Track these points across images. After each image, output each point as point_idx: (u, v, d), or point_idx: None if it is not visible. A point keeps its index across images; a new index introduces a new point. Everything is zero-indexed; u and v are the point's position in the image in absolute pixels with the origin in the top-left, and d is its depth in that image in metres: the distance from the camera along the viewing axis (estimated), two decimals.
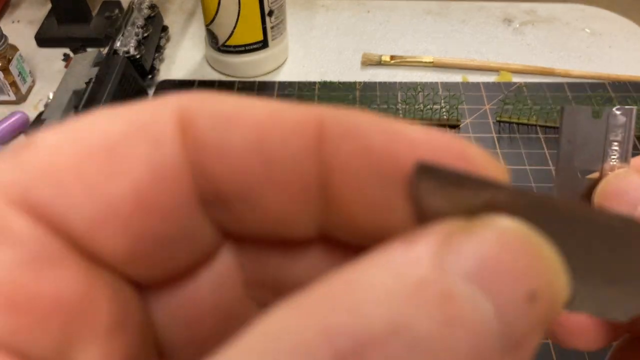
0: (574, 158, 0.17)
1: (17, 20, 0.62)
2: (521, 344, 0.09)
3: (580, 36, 0.57)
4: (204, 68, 0.55)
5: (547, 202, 0.10)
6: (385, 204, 0.10)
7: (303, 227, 0.11)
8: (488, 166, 0.10)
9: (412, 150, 0.10)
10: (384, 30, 0.59)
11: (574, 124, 0.17)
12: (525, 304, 0.09)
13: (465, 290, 0.08)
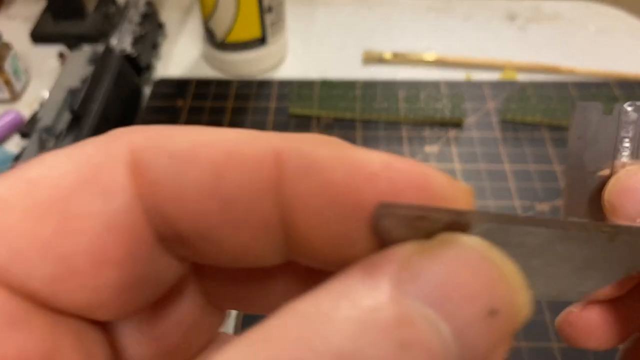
0: (584, 155, 0.17)
1: (11, 17, 0.61)
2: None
3: (585, 34, 0.56)
4: (202, 65, 0.54)
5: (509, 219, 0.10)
6: (347, 237, 0.10)
7: (267, 259, 0.11)
8: (451, 193, 0.10)
9: (372, 185, 0.10)
10: (386, 27, 0.58)
11: (585, 120, 0.17)
12: (485, 322, 0.09)
13: (422, 313, 0.08)
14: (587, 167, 0.17)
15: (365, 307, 0.08)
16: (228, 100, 0.49)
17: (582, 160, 0.17)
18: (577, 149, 0.17)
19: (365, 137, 0.45)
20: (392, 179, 0.10)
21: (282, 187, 0.10)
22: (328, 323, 0.08)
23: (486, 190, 0.41)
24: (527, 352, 0.33)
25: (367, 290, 0.09)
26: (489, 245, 0.10)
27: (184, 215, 0.10)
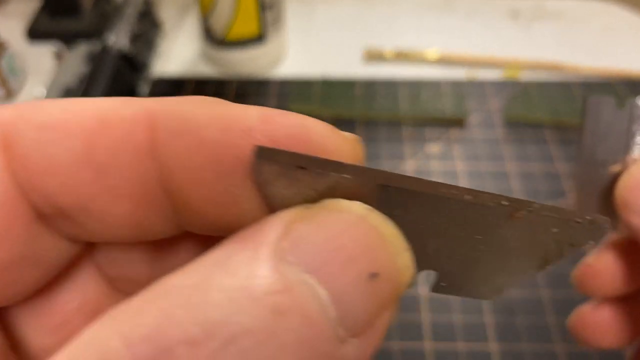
0: (596, 149, 0.17)
1: (7, 14, 0.60)
2: (370, 324, 0.09)
3: (589, 32, 0.56)
4: (200, 64, 0.53)
5: (396, 179, 0.10)
6: (230, 196, 0.10)
7: (158, 229, 0.11)
8: (335, 144, 0.10)
9: (249, 139, 0.10)
10: (387, 25, 0.57)
11: (597, 115, 0.17)
12: (365, 286, 0.09)
13: (301, 280, 0.09)
14: (599, 163, 0.17)
15: (240, 276, 0.08)
16: (227, 99, 0.48)
17: (594, 156, 0.17)
18: (589, 144, 0.17)
19: (366, 136, 0.45)
20: (269, 132, 0.10)
21: (157, 150, 0.10)
22: (198, 294, 0.08)
23: (488, 190, 0.41)
24: (531, 355, 0.32)
25: (244, 260, 0.09)
26: (369, 209, 0.10)
27: (60, 188, 0.10)
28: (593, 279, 0.18)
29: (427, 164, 0.43)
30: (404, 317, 0.34)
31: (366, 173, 0.10)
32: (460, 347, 0.33)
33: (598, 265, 0.18)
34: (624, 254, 0.17)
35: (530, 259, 0.12)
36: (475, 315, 0.34)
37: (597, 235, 0.11)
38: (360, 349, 0.09)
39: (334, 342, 0.09)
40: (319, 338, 0.08)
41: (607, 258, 0.18)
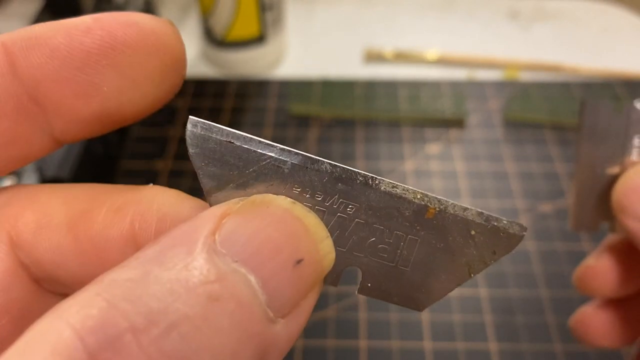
0: (594, 152, 0.17)
1: (9, 15, 0.60)
2: (296, 305, 0.10)
3: (588, 32, 0.56)
4: (200, 64, 0.53)
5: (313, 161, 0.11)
6: (91, 85, 0.12)
7: (37, 142, 0.12)
8: (157, 26, 0.12)
9: (90, 36, 0.12)
10: (387, 25, 0.57)
11: (594, 119, 0.17)
12: (291, 271, 0.10)
13: (233, 269, 0.10)
14: (597, 166, 0.17)
15: (177, 268, 0.09)
16: (227, 99, 0.49)
17: (592, 159, 0.17)
18: (587, 147, 0.17)
19: (365, 136, 0.45)
20: (104, 26, 0.12)
21: (17, 68, 0.11)
22: (139, 287, 0.09)
23: (488, 190, 0.41)
24: (530, 354, 0.32)
25: (180, 254, 0.10)
26: (292, 202, 0.11)
27: None
28: (593, 280, 0.18)
29: (426, 164, 0.43)
30: (404, 317, 0.34)
31: (285, 152, 0.11)
32: (459, 346, 0.33)
33: (598, 267, 0.18)
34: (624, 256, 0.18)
35: (454, 265, 0.12)
36: (475, 314, 0.34)
37: (514, 241, 0.11)
38: (289, 327, 0.10)
39: (265, 323, 0.10)
40: (251, 320, 0.09)
41: (606, 259, 0.18)
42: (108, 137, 0.43)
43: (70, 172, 0.37)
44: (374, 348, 0.33)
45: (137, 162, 0.44)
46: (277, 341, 0.10)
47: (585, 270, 0.18)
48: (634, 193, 0.16)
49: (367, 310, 0.34)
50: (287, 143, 0.49)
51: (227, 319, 0.09)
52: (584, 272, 0.18)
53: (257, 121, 0.47)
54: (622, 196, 0.16)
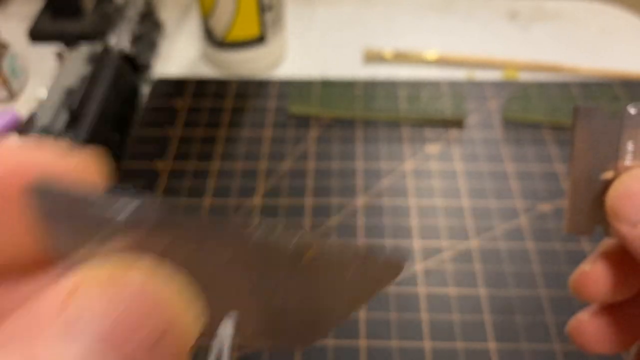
0: (588, 158, 0.17)
1: (9, 15, 0.61)
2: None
3: (588, 32, 0.56)
4: (201, 64, 0.53)
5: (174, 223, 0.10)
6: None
7: None
8: (64, 167, 0.11)
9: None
10: (386, 26, 0.57)
11: (588, 123, 0.16)
12: (153, 349, 0.09)
13: (90, 349, 0.09)
14: (591, 171, 0.17)
15: (25, 357, 0.08)
16: (227, 99, 0.49)
17: (586, 164, 0.17)
18: (580, 152, 0.17)
19: (365, 136, 0.45)
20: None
21: None
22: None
23: (487, 190, 0.41)
24: (529, 354, 0.33)
25: (27, 342, 0.09)
26: (151, 270, 0.10)
27: None
28: (588, 286, 0.18)
29: (426, 164, 0.43)
30: (403, 317, 0.34)
31: (143, 209, 0.10)
32: (459, 346, 0.33)
33: (592, 272, 0.18)
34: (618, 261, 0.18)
35: (339, 301, 0.11)
36: (474, 314, 0.34)
37: (395, 272, 0.11)
38: None
39: None
40: None
41: (601, 265, 0.18)
42: (109, 137, 0.43)
43: None
44: (374, 347, 0.33)
45: (137, 162, 0.44)
46: None
47: (580, 276, 0.18)
48: (626, 198, 0.16)
49: (367, 310, 0.35)
50: (287, 143, 0.49)
51: None
52: (579, 278, 0.18)
53: (257, 121, 0.47)
54: (615, 201, 0.16)
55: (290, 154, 0.44)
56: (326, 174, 0.42)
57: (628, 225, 0.16)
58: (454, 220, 0.39)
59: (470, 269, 0.36)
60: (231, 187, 0.42)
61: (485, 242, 0.38)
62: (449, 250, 0.38)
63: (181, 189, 0.42)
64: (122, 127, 0.45)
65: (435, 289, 0.35)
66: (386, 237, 0.38)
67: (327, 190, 0.41)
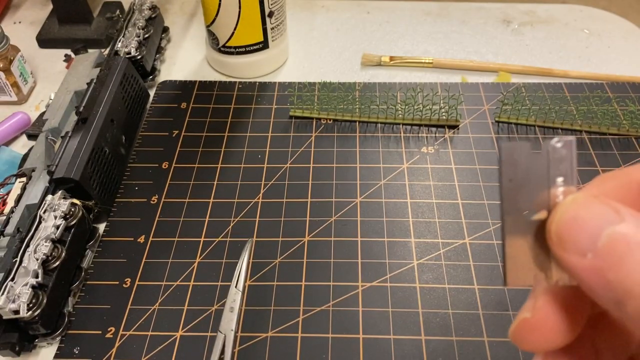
0: (518, 197, 0.16)
1: (18, 21, 0.62)
2: None
3: (579, 37, 0.57)
4: (205, 69, 0.55)
5: None
6: None
7: None
8: None
9: None
10: (384, 31, 0.59)
11: (513, 161, 0.15)
12: None
13: None
14: (523, 210, 0.16)
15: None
16: (229, 102, 0.50)
17: (516, 204, 0.16)
18: (509, 192, 0.16)
19: (363, 137, 0.47)
20: None
21: None
22: None
23: (482, 190, 0.43)
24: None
25: None
26: None
27: None
28: (532, 334, 0.16)
29: (422, 165, 0.44)
30: (399, 311, 0.36)
31: None
32: (454, 340, 0.34)
33: (535, 319, 0.16)
34: (561, 303, 0.16)
35: None
36: (469, 309, 0.36)
37: None
38: None
39: None
40: None
41: (543, 310, 0.16)
42: (116, 139, 0.44)
43: (79, 173, 0.38)
44: (371, 341, 0.34)
45: (144, 163, 0.45)
46: None
47: (521, 325, 0.16)
48: (574, 226, 0.14)
49: (365, 305, 0.36)
50: (288, 144, 0.50)
51: None
52: (520, 328, 0.16)
53: (259, 123, 0.48)
54: (562, 230, 0.15)
55: (290, 154, 0.46)
56: (325, 173, 0.44)
57: (577, 255, 0.14)
58: (449, 218, 0.41)
59: (465, 266, 0.38)
60: (233, 187, 0.43)
61: (480, 240, 0.39)
62: (444, 248, 0.39)
63: (184, 189, 0.43)
64: (129, 129, 0.47)
65: (430, 285, 0.37)
66: (383, 235, 0.40)
67: (326, 189, 0.43)
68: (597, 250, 0.14)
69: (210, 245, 0.39)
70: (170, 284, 0.37)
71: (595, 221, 0.14)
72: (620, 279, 0.13)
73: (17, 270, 0.34)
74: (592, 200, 0.15)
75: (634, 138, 0.46)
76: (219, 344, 0.34)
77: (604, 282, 0.14)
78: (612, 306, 0.14)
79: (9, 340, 0.33)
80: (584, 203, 0.15)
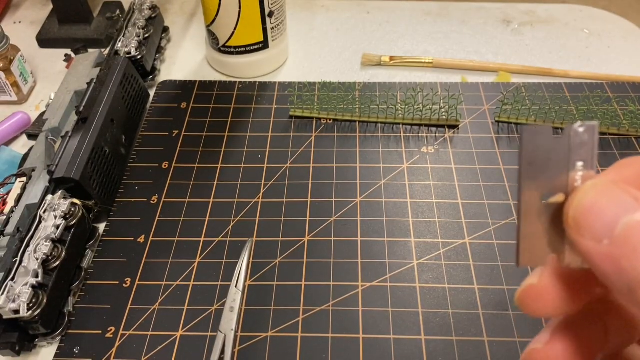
0: (536, 182, 0.16)
1: (18, 21, 0.62)
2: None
3: (579, 37, 0.57)
4: (205, 68, 0.55)
5: None
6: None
7: None
8: None
9: None
10: (384, 31, 0.59)
11: (534, 145, 0.16)
12: None
13: None
14: (541, 195, 0.16)
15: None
16: (229, 101, 0.50)
17: (534, 187, 0.16)
18: (528, 175, 0.16)
19: (363, 137, 0.47)
20: None
21: None
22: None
23: (482, 189, 0.43)
24: (523, 347, 0.34)
25: None
26: None
27: None
28: (536, 300, 0.17)
29: (423, 165, 0.44)
30: (399, 311, 0.36)
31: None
32: (454, 339, 0.34)
33: (540, 285, 0.17)
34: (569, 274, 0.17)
35: None
36: (469, 309, 0.36)
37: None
38: None
39: None
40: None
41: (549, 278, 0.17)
42: (116, 138, 0.44)
43: (79, 173, 0.38)
44: (371, 340, 0.34)
45: (144, 163, 0.45)
46: None
47: (527, 290, 0.17)
48: (592, 212, 0.15)
49: (365, 304, 0.36)
50: (288, 144, 0.50)
51: None
52: (526, 292, 0.17)
53: (259, 123, 0.48)
54: (579, 216, 0.15)
55: (290, 154, 0.46)
56: (325, 173, 0.44)
57: (593, 241, 0.14)
58: (449, 218, 0.41)
59: (465, 265, 0.38)
60: (233, 187, 0.43)
61: (480, 240, 0.39)
62: (444, 248, 0.39)
63: (185, 189, 0.43)
64: (129, 129, 0.47)
65: (430, 285, 0.37)
66: (383, 235, 0.40)
67: (326, 189, 0.43)
68: (613, 238, 0.14)
69: (210, 245, 0.40)
70: (171, 284, 0.37)
71: (614, 209, 0.14)
72: (634, 267, 0.13)
73: (17, 270, 0.34)
74: (611, 186, 0.15)
75: (634, 138, 0.46)
76: (219, 343, 0.34)
77: (618, 269, 0.14)
78: (624, 293, 0.14)
79: (9, 340, 0.33)
80: (603, 189, 0.15)
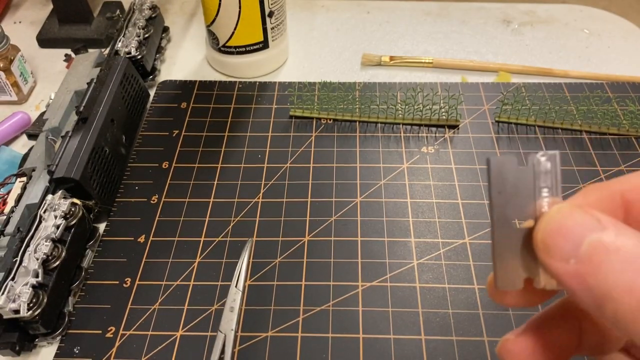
0: (506, 208, 0.17)
1: (18, 20, 0.62)
2: None
3: (579, 37, 0.58)
4: (205, 68, 0.55)
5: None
6: None
7: None
8: None
9: None
10: (384, 31, 0.59)
11: (501, 174, 0.17)
12: None
13: None
14: (511, 221, 0.17)
15: None
16: (229, 101, 0.50)
17: (505, 215, 0.17)
18: (498, 204, 0.17)
19: (363, 137, 0.47)
20: None
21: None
22: None
23: (482, 190, 0.43)
24: None
25: None
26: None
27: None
28: (511, 355, 0.18)
29: (423, 165, 0.45)
30: (399, 311, 0.36)
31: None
32: (454, 339, 0.34)
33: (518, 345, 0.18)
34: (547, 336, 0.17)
35: None
36: (471, 311, 0.36)
37: None
38: None
39: None
40: None
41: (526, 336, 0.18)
42: (116, 138, 0.44)
43: (79, 173, 0.38)
44: (371, 340, 0.34)
45: (144, 163, 0.45)
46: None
47: (503, 344, 0.18)
48: (558, 234, 0.15)
49: (365, 305, 0.36)
50: (288, 144, 0.50)
51: None
52: (503, 346, 0.18)
53: (259, 123, 0.48)
54: (547, 238, 0.16)
55: (290, 154, 0.46)
56: (325, 173, 0.44)
57: (561, 261, 0.15)
58: (449, 218, 0.41)
59: (465, 265, 0.38)
60: (233, 187, 0.43)
61: (480, 240, 0.39)
62: (444, 248, 0.39)
63: (185, 189, 0.43)
64: (129, 129, 0.47)
65: (430, 284, 0.37)
66: (383, 235, 0.40)
67: (326, 189, 0.43)
68: (579, 257, 0.15)
69: (210, 245, 0.40)
70: (171, 284, 0.37)
71: (578, 229, 0.15)
72: (599, 283, 0.14)
73: (17, 270, 0.34)
74: (575, 209, 0.16)
75: (634, 138, 0.46)
76: (219, 343, 0.34)
77: (585, 286, 0.14)
78: (594, 309, 0.14)
79: (9, 339, 0.33)
80: (568, 212, 0.16)
